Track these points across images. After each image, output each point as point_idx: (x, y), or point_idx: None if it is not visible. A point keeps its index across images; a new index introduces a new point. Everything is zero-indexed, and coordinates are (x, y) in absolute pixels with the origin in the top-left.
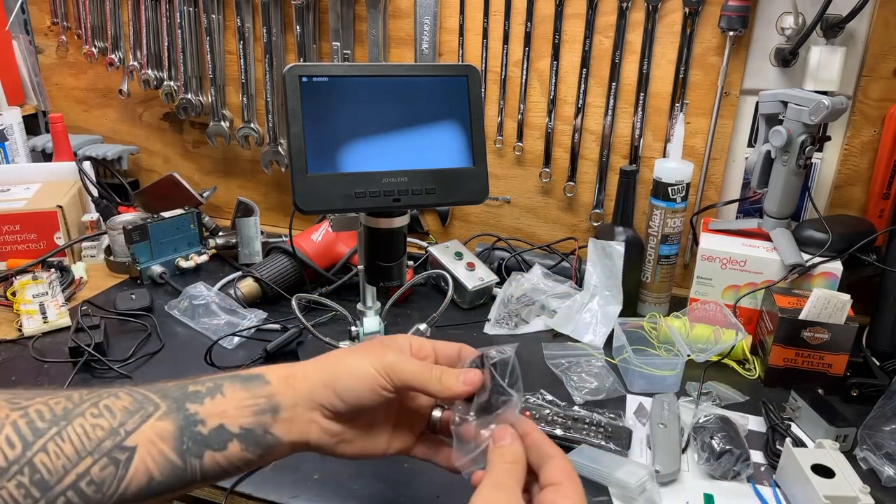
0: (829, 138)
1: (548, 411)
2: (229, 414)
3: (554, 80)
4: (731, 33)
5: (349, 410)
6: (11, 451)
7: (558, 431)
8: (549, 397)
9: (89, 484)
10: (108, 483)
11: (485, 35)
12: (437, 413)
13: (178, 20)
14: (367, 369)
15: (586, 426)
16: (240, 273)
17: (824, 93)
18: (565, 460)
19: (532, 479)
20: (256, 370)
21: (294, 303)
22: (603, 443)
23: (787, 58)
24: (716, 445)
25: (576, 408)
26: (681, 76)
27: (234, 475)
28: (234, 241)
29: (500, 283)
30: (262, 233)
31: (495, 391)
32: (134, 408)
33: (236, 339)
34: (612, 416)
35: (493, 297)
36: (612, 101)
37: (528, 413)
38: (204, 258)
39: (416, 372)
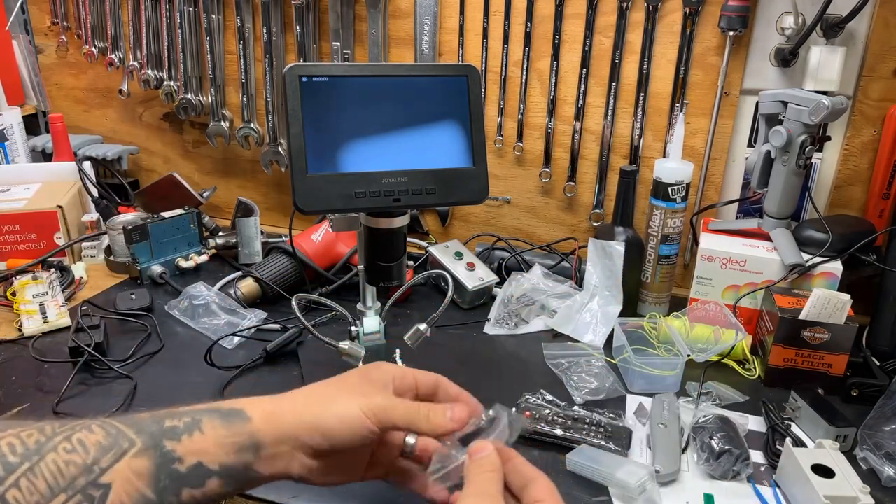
0: (829, 138)
1: (548, 411)
2: (208, 452)
3: (554, 80)
4: (731, 33)
5: (334, 451)
6: None
7: (558, 431)
8: (549, 397)
9: None
10: None
11: (485, 35)
12: (410, 440)
13: (178, 20)
14: (356, 412)
15: (586, 426)
16: (240, 273)
17: (824, 93)
18: (547, 480)
19: (514, 502)
20: (238, 403)
21: (294, 303)
22: (603, 443)
23: (787, 58)
24: (715, 445)
25: (576, 408)
26: (681, 76)
27: None
28: (234, 241)
29: (500, 283)
30: (262, 233)
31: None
32: (108, 443)
33: (236, 339)
34: (612, 416)
35: (493, 297)
36: (612, 101)
37: (528, 413)
38: (204, 258)
39: (405, 414)
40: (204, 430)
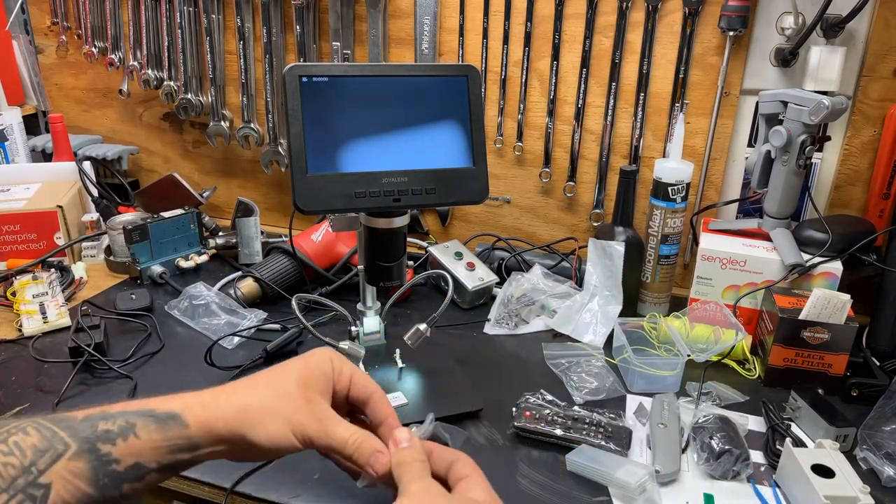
0: (829, 138)
1: (548, 411)
2: (144, 454)
3: (554, 80)
4: (731, 33)
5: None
6: None
7: (558, 431)
8: (549, 397)
9: None
10: None
11: (485, 35)
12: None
13: (178, 20)
14: (286, 436)
15: (586, 426)
16: (240, 273)
17: (824, 93)
18: (468, 458)
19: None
20: (173, 404)
21: (294, 303)
22: (603, 443)
23: (787, 58)
24: (715, 445)
25: (576, 408)
26: (681, 76)
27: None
28: (234, 241)
29: (500, 283)
30: (262, 233)
31: None
32: (43, 446)
33: (236, 339)
34: (612, 416)
35: (493, 297)
36: (612, 101)
37: (528, 413)
38: (204, 258)
39: (332, 444)
40: (139, 435)
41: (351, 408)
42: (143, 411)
